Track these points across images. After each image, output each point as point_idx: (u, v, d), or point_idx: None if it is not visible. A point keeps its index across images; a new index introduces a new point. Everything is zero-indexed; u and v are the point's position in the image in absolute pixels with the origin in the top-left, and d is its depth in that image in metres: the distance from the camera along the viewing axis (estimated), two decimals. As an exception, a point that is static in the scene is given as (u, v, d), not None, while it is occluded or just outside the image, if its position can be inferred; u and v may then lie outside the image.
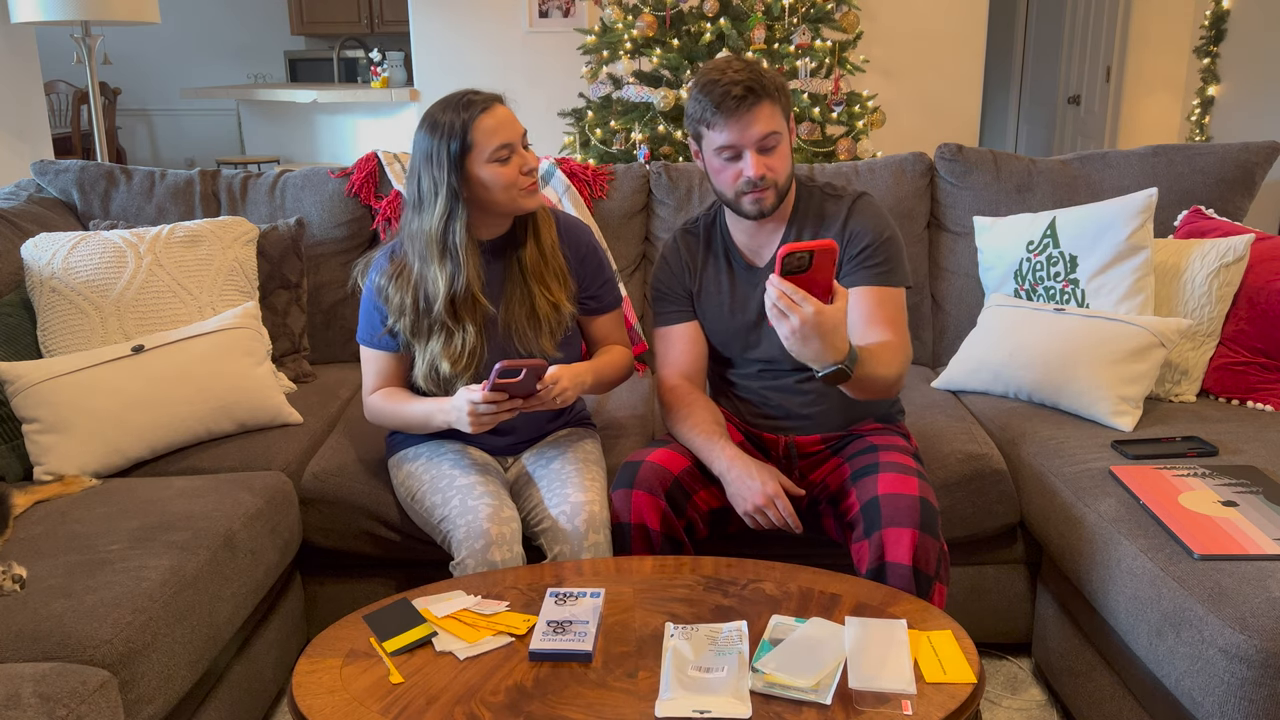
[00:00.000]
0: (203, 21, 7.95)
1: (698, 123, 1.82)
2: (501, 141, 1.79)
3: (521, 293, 1.91)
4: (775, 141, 1.79)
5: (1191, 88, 4.61)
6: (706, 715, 1.27)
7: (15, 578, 1.55)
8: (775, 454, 1.98)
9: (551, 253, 1.94)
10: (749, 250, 1.95)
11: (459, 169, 1.79)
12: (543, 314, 1.90)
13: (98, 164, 2.71)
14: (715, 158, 1.82)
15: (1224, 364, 2.23)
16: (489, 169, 1.80)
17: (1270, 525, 1.64)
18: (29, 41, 4.27)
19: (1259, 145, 2.56)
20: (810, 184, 1.95)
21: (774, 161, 1.80)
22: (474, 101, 1.80)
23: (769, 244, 1.92)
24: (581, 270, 1.99)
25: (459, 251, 1.82)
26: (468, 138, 1.78)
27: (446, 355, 1.86)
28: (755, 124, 1.76)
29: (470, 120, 1.78)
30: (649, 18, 3.82)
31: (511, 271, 1.93)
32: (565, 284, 1.95)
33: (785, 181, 1.84)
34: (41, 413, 2.00)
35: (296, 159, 6.39)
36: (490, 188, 1.81)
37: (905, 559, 1.64)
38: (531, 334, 1.90)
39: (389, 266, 1.90)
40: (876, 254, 1.85)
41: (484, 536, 1.72)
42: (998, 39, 6.15)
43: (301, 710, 1.33)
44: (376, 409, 1.97)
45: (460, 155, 1.79)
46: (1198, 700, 1.47)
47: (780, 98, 1.79)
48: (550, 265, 1.93)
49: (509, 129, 1.81)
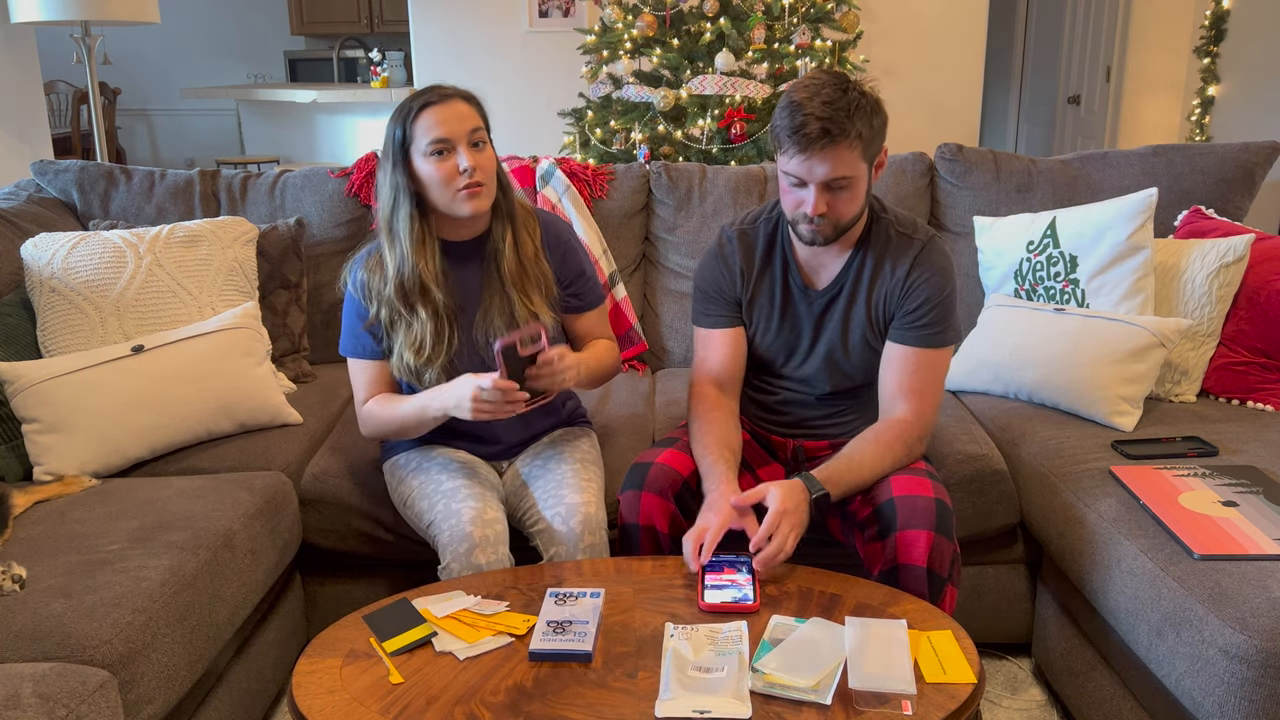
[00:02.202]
0: (203, 21, 7.96)
1: (774, 136, 1.73)
2: (437, 136, 1.73)
3: (501, 300, 1.87)
4: (845, 184, 1.69)
5: (1191, 88, 4.61)
6: (706, 715, 1.27)
7: (15, 578, 1.55)
8: (783, 455, 1.98)
9: (534, 260, 1.89)
10: (809, 268, 1.87)
11: (404, 160, 1.77)
12: (522, 323, 1.85)
13: (97, 164, 2.71)
14: (783, 177, 1.74)
15: (1224, 364, 2.23)
16: (426, 165, 1.76)
17: (1270, 525, 1.64)
18: (29, 41, 4.27)
19: (1259, 145, 2.56)
20: (882, 214, 1.84)
21: (839, 202, 1.71)
22: (430, 92, 1.77)
23: (831, 266, 1.85)
24: (562, 269, 1.95)
25: (404, 240, 1.79)
26: (408, 129, 1.75)
27: (408, 344, 1.83)
28: (824, 164, 1.67)
29: (415, 110, 1.75)
30: (649, 17, 3.82)
31: (489, 277, 1.88)
32: (548, 292, 1.90)
33: (849, 220, 1.76)
34: (41, 413, 2.00)
35: (296, 159, 6.39)
36: (427, 184, 1.77)
37: (920, 560, 1.63)
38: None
39: (369, 259, 1.88)
40: (931, 313, 1.79)
41: (467, 540, 1.71)
42: (998, 39, 6.15)
43: (301, 710, 1.33)
44: (370, 416, 1.92)
45: (402, 144, 1.76)
46: (1198, 700, 1.47)
47: (862, 140, 1.67)
48: (531, 274, 1.88)
49: (451, 125, 1.74)
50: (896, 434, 1.77)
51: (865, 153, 1.70)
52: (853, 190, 1.71)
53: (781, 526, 1.60)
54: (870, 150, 1.71)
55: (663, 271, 2.72)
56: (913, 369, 1.80)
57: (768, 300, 1.90)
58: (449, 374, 1.82)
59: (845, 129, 1.65)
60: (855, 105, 1.66)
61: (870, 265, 1.83)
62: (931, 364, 1.81)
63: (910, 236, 1.83)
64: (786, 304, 1.89)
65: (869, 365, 1.88)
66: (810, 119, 1.64)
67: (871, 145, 1.71)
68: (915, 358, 1.80)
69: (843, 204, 1.72)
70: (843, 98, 1.66)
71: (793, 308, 1.89)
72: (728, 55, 3.72)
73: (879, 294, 1.83)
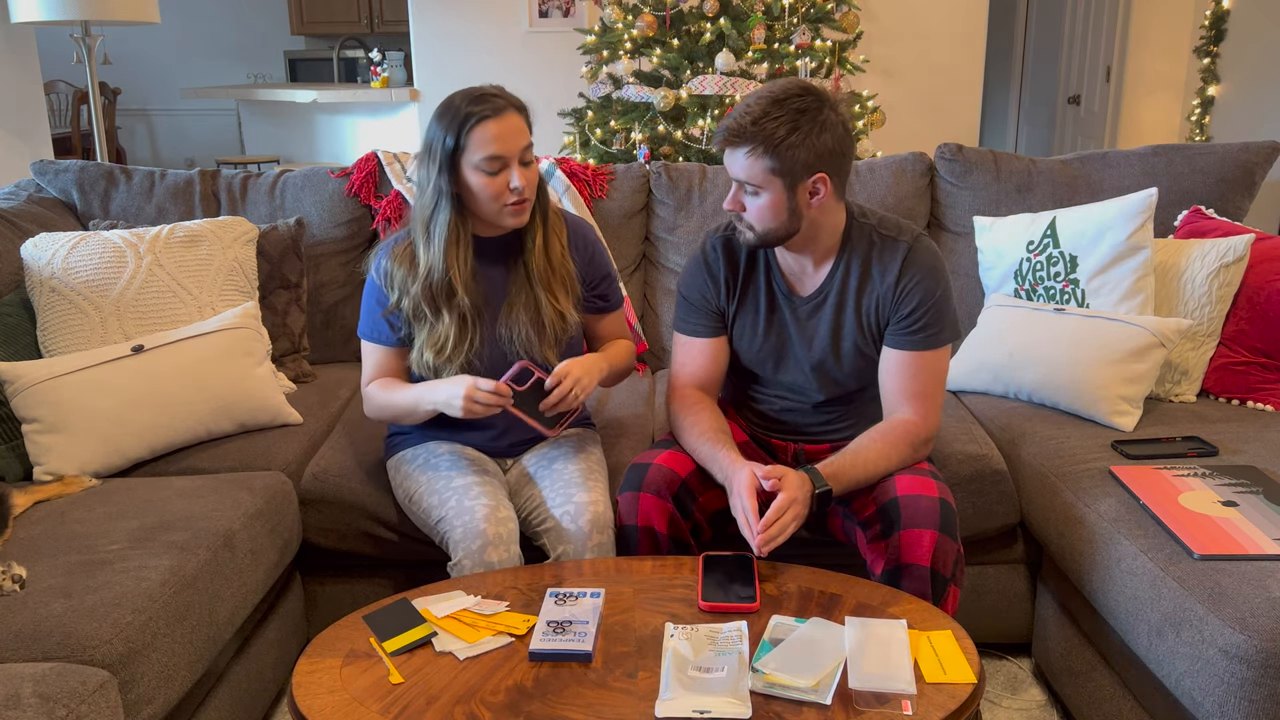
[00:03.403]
0: (203, 21, 7.96)
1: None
2: (492, 153, 1.75)
3: (527, 298, 1.89)
4: (753, 191, 1.71)
5: (1191, 88, 4.61)
6: (706, 715, 1.27)
7: (15, 578, 1.55)
8: (784, 458, 1.98)
9: (561, 261, 1.91)
10: (792, 274, 1.87)
11: (451, 166, 1.78)
12: (548, 321, 1.89)
13: (97, 164, 2.71)
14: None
15: (1224, 364, 2.23)
16: (475, 176, 1.77)
17: (1270, 525, 1.64)
18: (29, 41, 4.27)
19: (1259, 145, 2.56)
20: (863, 220, 1.83)
21: (751, 207, 1.74)
22: (485, 101, 1.76)
23: (815, 273, 1.85)
24: (589, 270, 1.98)
25: (439, 244, 1.81)
26: (461, 138, 1.75)
27: (429, 343, 1.86)
28: (731, 163, 1.72)
29: (471, 121, 1.75)
30: (649, 18, 3.82)
31: (517, 275, 1.91)
32: (572, 292, 1.93)
33: (765, 230, 1.75)
34: (41, 413, 2.00)
35: (296, 159, 6.39)
36: (476, 195, 1.79)
37: (924, 560, 1.63)
38: (536, 340, 1.89)
39: (396, 247, 1.89)
40: (926, 316, 1.78)
41: (481, 537, 1.72)
42: (998, 39, 6.15)
43: (301, 710, 1.33)
44: (371, 397, 1.95)
45: (453, 153, 1.77)
46: (1198, 700, 1.47)
47: (770, 155, 1.66)
48: (559, 273, 1.91)
49: (507, 142, 1.75)
50: (902, 434, 1.77)
51: (776, 167, 1.67)
52: (761, 201, 1.71)
53: (787, 514, 1.61)
54: (784, 166, 1.67)
55: (663, 271, 2.72)
56: (914, 373, 1.80)
57: (753, 307, 1.90)
58: (467, 373, 1.85)
59: (748, 135, 1.66)
60: (778, 117, 1.64)
61: (856, 272, 1.82)
62: (932, 365, 1.81)
63: (895, 239, 1.81)
64: (772, 311, 1.89)
65: (862, 372, 1.88)
66: (729, 116, 1.69)
67: (786, 162, 1.66)
68: (916, 362, 1.80)
69: (752, 210, 1.73)
70: (774, 109, 1.65)
71: (778, 314, 1.89)
72: (728, 55, 3.72)
73: (869, 301, 1.82)
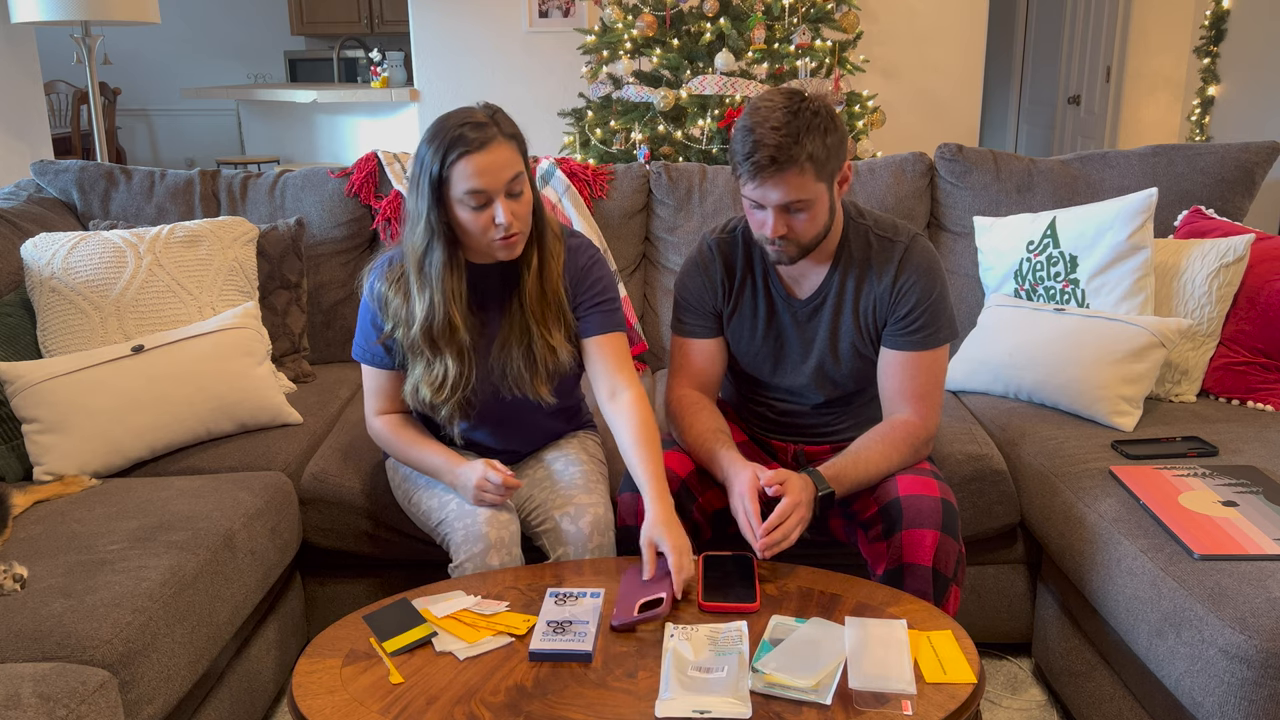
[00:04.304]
0: (203, 21, 7.96)
1: (730, 161, 1.71)
2: (474, 187, 1.64)
3: (520, 330, 1.80)
4: (802, 206, 1.67)
5: (1191, 88, 4.61)
6: (706, 715, 1.27)
7: (15, 577, 1.55)
8: (783, 459, 1.98)
9: (555, 290, 1.81)
10: (789, 277, 1.85)
11: (438, 198, 1.69)
12: (539, 356, 1.80)
13: (97, 164, 2.71)
14: (744, 199, 1.73)
15: (1224, 364, 2.23)
16: (461, 209, 1.68)
17: (1270, 525, 1.64)
18: (29, 41, 4.27)
19: (1259, 145, 2.56)
20: (860, 221, 1.82)
21: (798, 224, 1.69)
22: (476, 129, 1.65)
23: (813, 275, 1.83)
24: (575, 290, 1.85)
25: (436, 285, 1.73)
26: (445, 170, 1.66)
27: (426, 381, 1.80)
28: (777, 190, 1.65)
29: (453, 155, 1.65)
30: (649, 18, 3.82)
31: (510, 304, 1.82)
32: (564, 322, 1.83)
33: (812, 240, 1.74)
34: (41, 413, 2.00)
35: (296, 159, 6.39)
36: (465, 229, 1.71)
37: (926, 560, 1.63)
38: (527, 376, 1.81)
39: (390, 271, 1.81)
40: (923, 316, 1.77)
41: (483, 540, 1.71)
42: (998, 39, 6.15)
43: (301, 710, 1.33)
44: (383, 438, 1.91)
45: (438, 184, 1.67)
46: (1198, 700, 1.47)
47: (814, 162, 1.64)
48: (552, 304, 1.81)
49: (491, 176, 1.65)
50: (903, 435, 1.77)
51: (820, 173, 1.66)
52: (811, 211, 1.69)
53: (792, 517, 1.61)
54: (827, 169, 1.67)
55: (663, 271, 2.72)
56: (912, 374, 1.80)
57: (750, 310, 1.89)
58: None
59: (794, 155, 1.62)
60: (806, 127, 1.63)
61: (854, 273, 1.82)
62: (930, 366, 1.81)
63: (892, 240, 1.81)
64: (770, 314, 1.88)
65: (861, 373, 1.88)
66: (760, 146, 1.62)
67: (827, 165, 1.66)
68: (914, 362, 1.80)
69: (801, 225, 1.70)
70: (793, 121, 1.62)
71: (776, 317, 1.88)
72: (728, 55, 3.72)
73: (866, 302, 1.82)
